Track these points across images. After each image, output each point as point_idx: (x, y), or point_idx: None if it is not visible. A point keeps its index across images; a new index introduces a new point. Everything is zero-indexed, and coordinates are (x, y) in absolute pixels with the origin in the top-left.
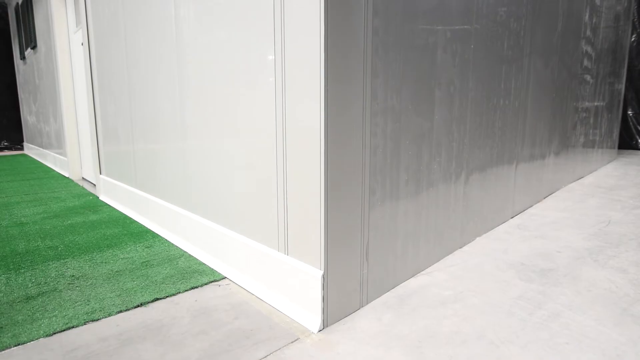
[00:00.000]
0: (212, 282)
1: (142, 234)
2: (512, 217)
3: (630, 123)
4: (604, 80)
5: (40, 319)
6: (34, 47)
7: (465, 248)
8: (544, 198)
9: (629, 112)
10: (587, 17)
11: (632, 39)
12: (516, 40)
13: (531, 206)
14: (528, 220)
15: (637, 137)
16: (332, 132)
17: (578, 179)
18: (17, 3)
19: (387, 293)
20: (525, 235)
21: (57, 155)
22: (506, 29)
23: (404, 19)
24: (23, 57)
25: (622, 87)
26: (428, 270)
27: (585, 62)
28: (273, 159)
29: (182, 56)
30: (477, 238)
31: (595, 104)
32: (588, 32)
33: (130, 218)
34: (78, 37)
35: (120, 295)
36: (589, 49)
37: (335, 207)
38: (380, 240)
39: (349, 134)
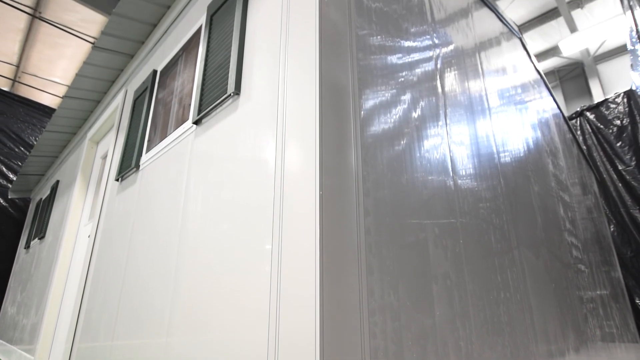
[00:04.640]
0: None
1: None
2: None
3: None
4: (599, 268)
5: None
6: (41, 238)
7: None
8: None
9: (637, 301)
10: (562, 211)
11: (612, 229)
12: (502, 233)
13: None
14: None
15: None
16: (328, 335)
17: None
18: (41, 198)
19: None
20: None
21: (23, 353)
22: (490, 223)
23: (393, 218)
24: (27, 247)
25: (619, 274)
26: None
27: (574, 252)
28: None
29: (184, 247)
30: None
31: (599, 292)
32: (568, 225)
33: None
34: (87, 230)
35: None
36: (574, 239)
37: None
38: None
39: (347, 337)
